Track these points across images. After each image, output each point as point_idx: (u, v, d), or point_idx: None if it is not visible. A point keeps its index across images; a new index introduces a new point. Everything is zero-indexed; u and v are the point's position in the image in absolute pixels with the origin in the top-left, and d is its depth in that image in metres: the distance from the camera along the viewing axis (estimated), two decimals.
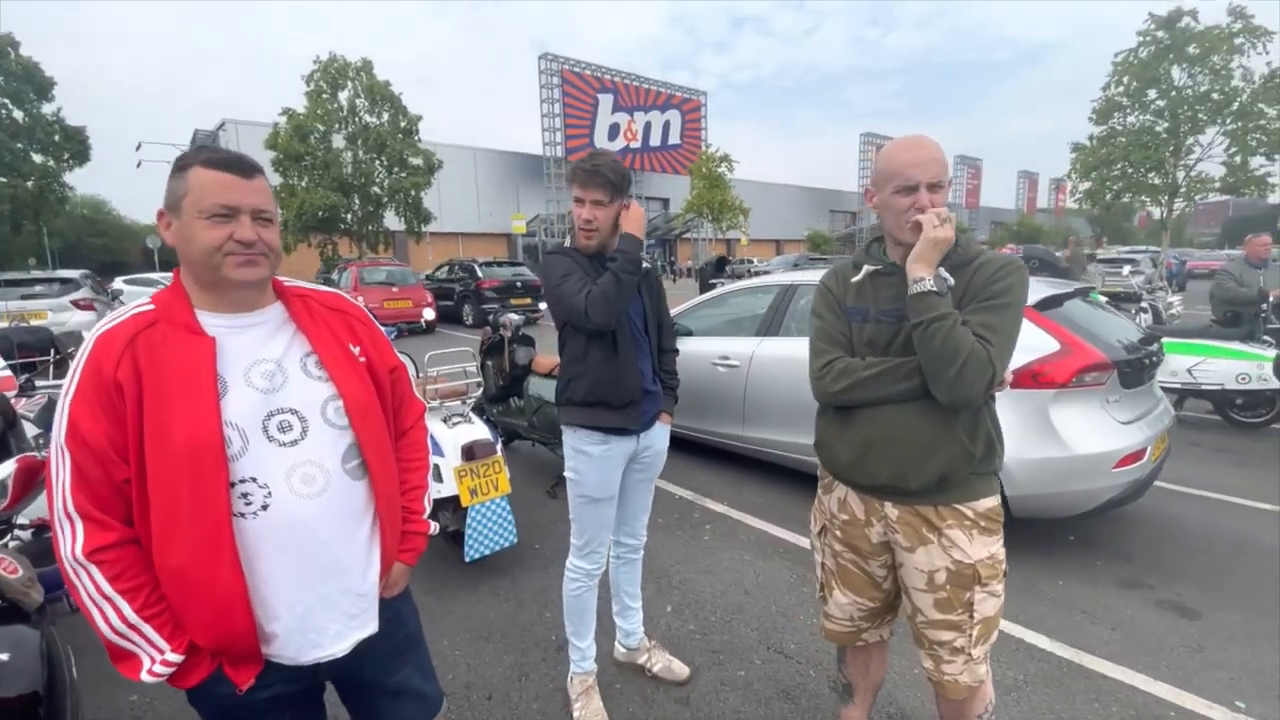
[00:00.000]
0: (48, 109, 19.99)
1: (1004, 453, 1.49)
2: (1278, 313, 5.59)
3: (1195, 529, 3.48)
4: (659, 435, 2.09)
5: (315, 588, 1.09)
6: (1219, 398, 5.61)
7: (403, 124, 19.13)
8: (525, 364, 4.32)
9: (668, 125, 40.30)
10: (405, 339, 4.05)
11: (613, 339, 1.89)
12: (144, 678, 1.01)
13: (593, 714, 2.06)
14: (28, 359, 4.32)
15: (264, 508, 1.04)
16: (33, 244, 24.38)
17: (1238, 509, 3.76)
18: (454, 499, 2.80)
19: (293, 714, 1.19)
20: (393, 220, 20.26)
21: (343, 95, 18.33)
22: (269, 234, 1.10)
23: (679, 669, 2.29)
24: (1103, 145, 18.30)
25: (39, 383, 3.62)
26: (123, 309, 1.06)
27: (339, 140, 18.49)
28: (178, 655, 1.02)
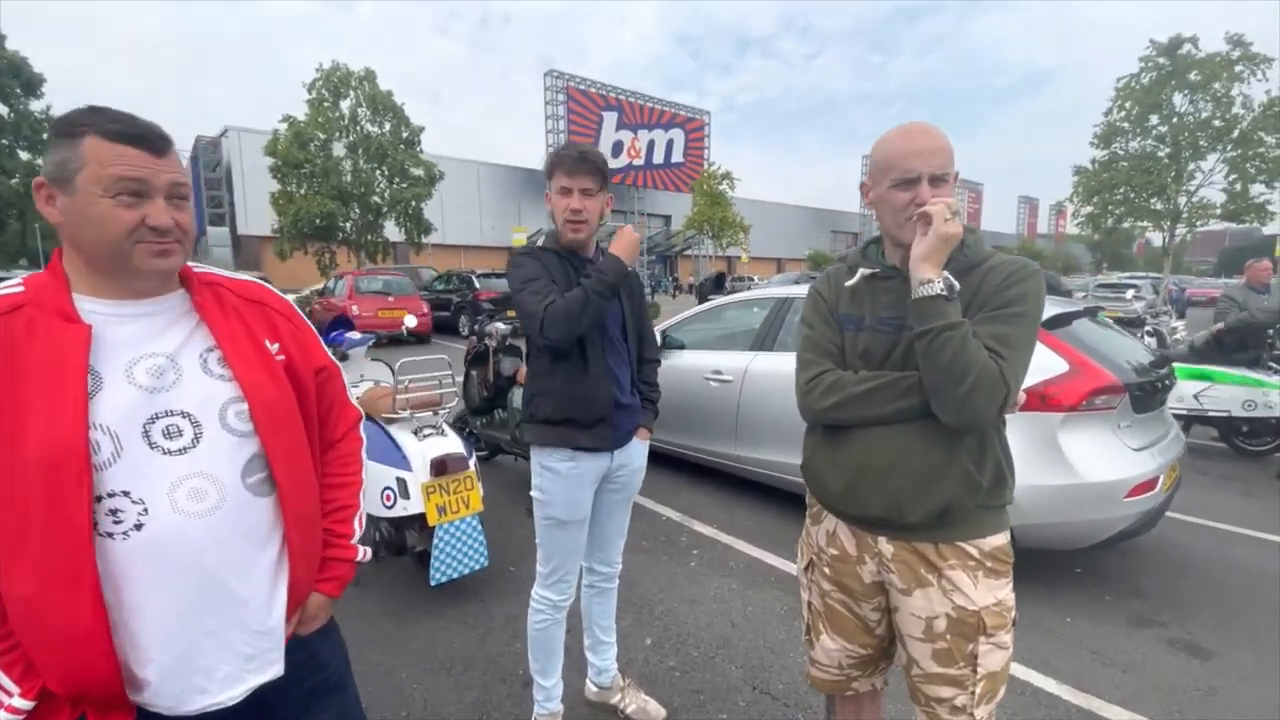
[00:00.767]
0: (37, 106, 19.88)
1: (1015, 482, 1.32)
2: None
3: (1205, 562, 3.34)
4: (636, 452, 1.92)
5: (199, 623, 0.92)
6: (1225, 425, 5.45)
7: (405, 134, 19.12)
8: (510, 375, 4.15)
9: (671, 144, 40.56)
10: (384, 348, 3.87)
11: (581, 351, 1.72)
12: None
13: None
14: None
15: (137, 527, 0.87)
16: (18, 243, 24.17)
17: (1246, 540, 3.64)
18: (420, 517, 2.62)
19: None
20: (393, 231, 20.19)
21: (344, 104, 18.30)
22: (184, 216, 0.94)
23: (655, 711, 2.10)
24: (1105, 169, 18.32)
25: None
26: None
27: (339, 149, 18.47)
28: (27, 701, 0.85)
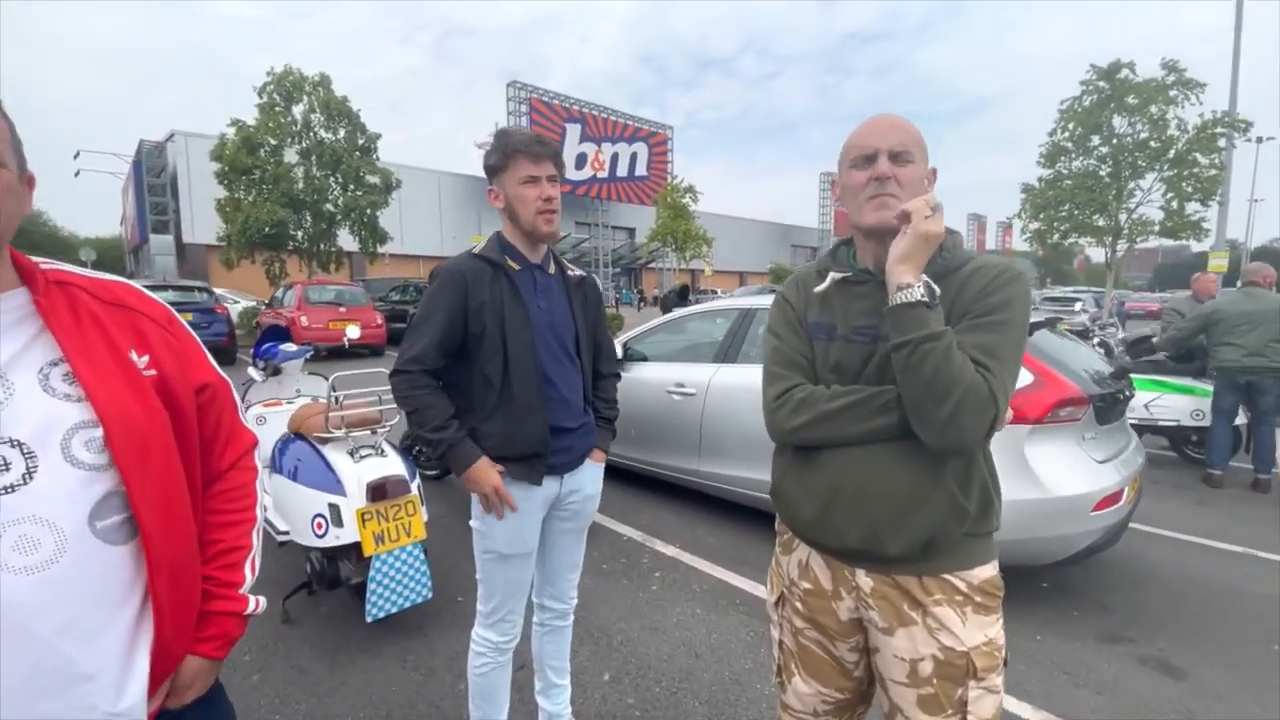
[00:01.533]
0: None
1: (1001, 505, 1.20)
2: None
3: (1167, 573, 3.34)
4: (589, 477, 1.74)
5: (31, 704, 0.73)
6: (1175, 434, 5.59)
7: (361, 141, 18.54)
8: None
9: (635, 157, 40.72)
10: (323, 361, 3.60)
11: (504, 383, 1.54)
12: None
13: None
14: None
15: None
16: None
17: (1204, 550, 3.67)
18: (356, 546, 2.38)
19: None
20: (348, 240, 19.56)
21: (297, 109, 17.63)
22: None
23: None
24: (1050, 187, 19.11)
25: None
26: None
27: (291, 155, 17.78)
28: None
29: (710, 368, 3.88)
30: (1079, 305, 12.02)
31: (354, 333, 3.84)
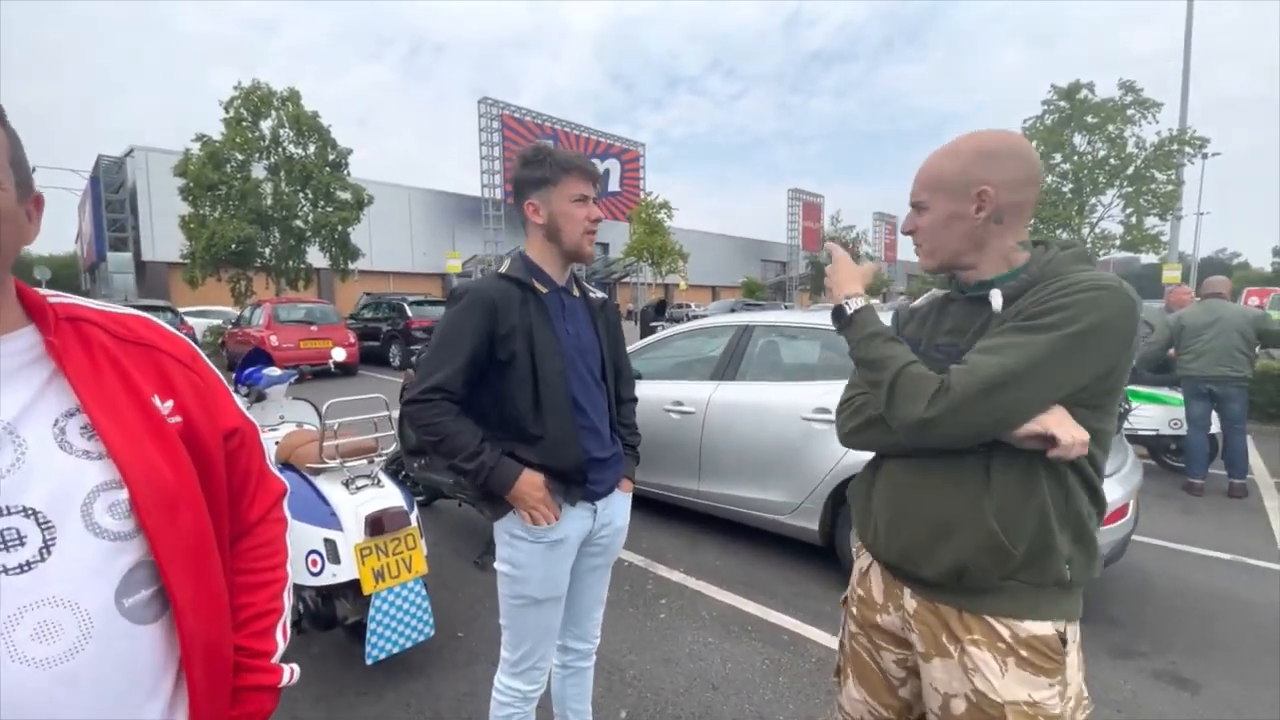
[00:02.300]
0: None
1: (1094, 562, 1.05)
2: None
3: (1166, 584, 3.37)
4: (620, 509, 1.65)
5: None
6: (1154, 442, 5.72)
7: (331, 157, 18.18)
8: None
9: (608, 173, 40.82)
10: (308, 383, 3.44)
11: (537, 414, 1.45)
12: None
13: None
14: None
15: None
16: None
17: (1198, 560, 3.72)
18: (354, 584, 2.24)
19: None
20: (318, 257, 19.09)
21: (265, 124, 17.19)
22: None
23: None
24: None
25: None
26: None
27: (259, 170, 17.32)
28: None
29: (709, 385, 3.82)
30: None
31: (340, 355, 3.66)
